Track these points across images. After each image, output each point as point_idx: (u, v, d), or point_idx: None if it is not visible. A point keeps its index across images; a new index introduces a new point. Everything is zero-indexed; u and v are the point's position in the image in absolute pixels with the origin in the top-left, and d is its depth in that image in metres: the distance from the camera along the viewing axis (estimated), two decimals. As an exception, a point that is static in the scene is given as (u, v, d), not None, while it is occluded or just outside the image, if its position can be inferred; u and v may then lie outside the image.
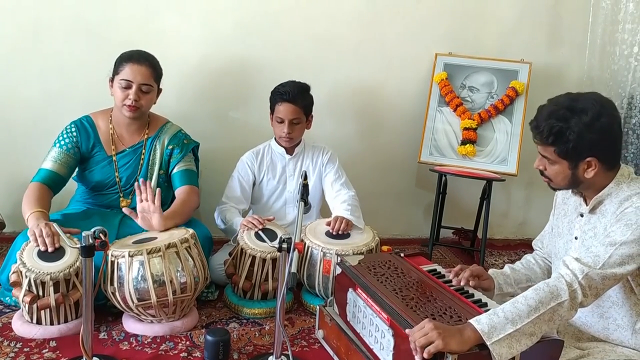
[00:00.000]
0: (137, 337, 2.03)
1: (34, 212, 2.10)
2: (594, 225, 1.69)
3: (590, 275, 1.51)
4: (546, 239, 2.01)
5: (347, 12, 3.06)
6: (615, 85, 3.19)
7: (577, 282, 1.50)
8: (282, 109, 2.52)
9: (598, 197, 1.67)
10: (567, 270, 1.53)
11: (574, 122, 1.57)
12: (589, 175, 1.63)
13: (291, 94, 2.51)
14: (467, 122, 3.03)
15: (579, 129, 1.57)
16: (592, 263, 1.53)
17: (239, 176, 2.66)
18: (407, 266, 1.93)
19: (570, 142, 1.58)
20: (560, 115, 1.59)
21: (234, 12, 2.93)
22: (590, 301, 1.54)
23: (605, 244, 1.55)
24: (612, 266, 1.52)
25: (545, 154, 1.67)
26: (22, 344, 1.92)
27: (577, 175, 1.65)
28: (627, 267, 1.53)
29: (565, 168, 1.65)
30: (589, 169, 1.63)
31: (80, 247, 1.63)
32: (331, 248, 2.27)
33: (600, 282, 1.52)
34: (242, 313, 2.26)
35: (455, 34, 3.21)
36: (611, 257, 1.53)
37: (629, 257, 1.52)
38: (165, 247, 1.99)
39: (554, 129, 1.59)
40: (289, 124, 2.53)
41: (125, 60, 2.30)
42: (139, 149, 2.43)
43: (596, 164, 1.61)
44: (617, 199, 1.63)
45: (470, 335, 1.43)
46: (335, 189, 2.64)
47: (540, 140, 1.65)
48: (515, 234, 3.63)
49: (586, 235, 1.71)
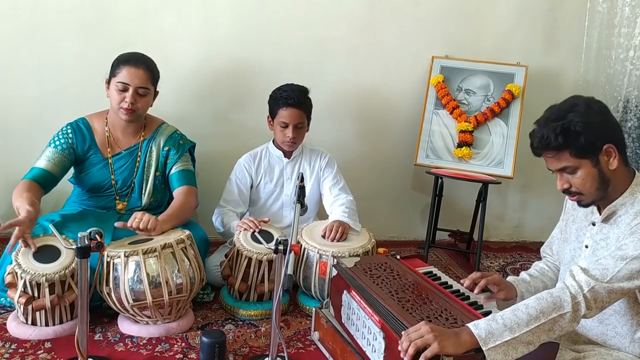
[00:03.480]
0: (132, 338, 2.02)
1: (25, 195, 2.06)
2: (606, 235, 1.65)
3: (597, 289, 1.47)
4: (555, 245, 1.96)
5: (345, 15, 3.07)
6: (611, 88, 3.20)
7: (582, 294, 1.47)
8: (286, 114, 2.51)
9: (612, 207, 1.63)
10: (573, 282, 1.50)
11: (573, 115, 1.55)
12: (613, 165, 1.57)
13: (296, 99, 2.50)
14: (463, 124, 3.03)
15: (581, 118, 1.54)
16: (599, 276, 1.49)
17: (236, 179, 2.65)
18: (403, 268, 1.93)
19: (580, 135, 1.54)
20: (555, 117, 1.58)
21: (232, 14, 2.93)
22: (594, 314, 1.50)
23: (616, 257, 1.51)
24: (620, 280, 1.48)
25: (563, 163, 1.59)
26: (17, 345, 1.91)
27: (603, 171, 1.58)
28: (636, 282, 1.49)
29: (589, 168, 1.58)
30: (610, 159, 1.58)
31: (76, 248, 1.62)
32: (327, 250, 2.27)
33: (606, 296, 1.49)
34: (238, 315, 2.26)
35: (452, 37, 3.22)
36: (620, 272, 1.49)
37: (638, 272, 1.49)
38: (161, 247, 1.99)
39: (557, 128, 1.55)
40: (294, 129, 2.53)
41: (123, 63, 2.29)
42: (134, 151, 2.43)
43: (614, 150, 1.57)
44: (632, 209, 1.59)
45: (467, 339, 1.42)
46: (334, 194, 2.64)
47: (552, 149, 1.58)
48: (511, 236, 3.64)
49: (598, 245, 1.66)
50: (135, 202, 2.44)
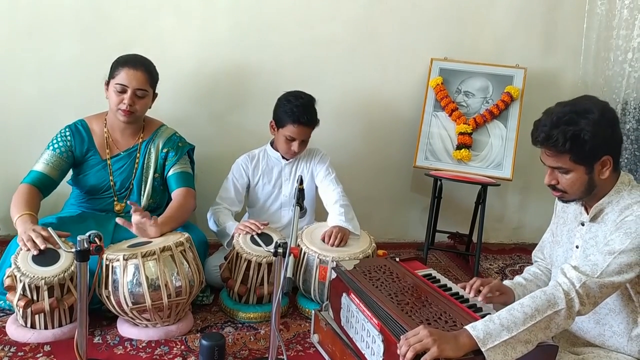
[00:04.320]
0: (131, 341, 2.02)
1: (22, 215, 2.08)
2: (595, 233, 1.67)
3: (588, 284, 1.50)
4: (546, 248, 1.98)
5: (344, 17, 3.07)
6: (610, 90, 3.20)
7: (575, 290, 1.49)
8: (296, 131, 2.50)
9: (598, 205, 1.66)
10: (565, 279, 1.52)
11: (585, 123, 1.54)
12: (605, 175, 1.60)
13: (308, 118, 2.50)
14: (462, 126, 3.04)
15: (592, 128, 1.54)
16: (590, 272, 1.52)
17: (233, 178, 2.66)
18: (402, 271, 1.93)
19: (587, 144, 1.54)
20: (568, 120, 1.56)
21: (231, 16, 2.93)
22: (588, 310, 1.52)
23: (604, 252, 1.54)
24: (611, 275, 1.51)
25: (559, 164, 1.61)
26: (16, 348, 1.91)
27: (593, 179, 1.61)
28: (626, 276, 1.51)
29: (582, 174, 1.60)
30: (604, 169, 1.60)
31: (76, 252, 1.62)
32: (328, 255, 2.26)
33: (598, 291, 1.51)
34: (238, 317, 2.26)
35: (450, 39, 3.22)
36: (609, 266, 1.51)
37: (627, 266, 1.51)
38: (160, 250, 1.98)
39: (568, 133, 1.55)
40: (300, 143, 2.55)
41: (122, 65, 2.29)
42: (133, 152, 2.43)
43: (610, 162, 1.59)
44: (617, 207, 1.62)
45: (466, 342, 1.43)
46: (325, 184, 2.64)
47: (554, 150, 1.59)
48: (510, 238, 3.64)
49: (587, 244, 1.69)
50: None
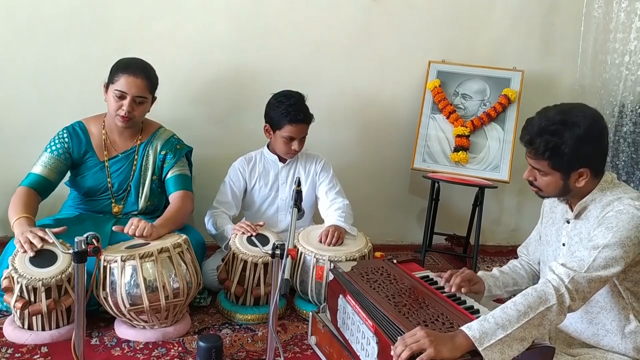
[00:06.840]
0: (129, 342, 2.02)
1: (19, 218, 2.09)
2: (579, 230, 1.73)
3: (577, 279, 1.53)
4: (531, 246, 2.05)
5: (342, 20, 3.08)
6: (607, 93, 3.22)
7: (564, 286, 1.52)
8: (294, 130, 2.51)
9: (582, 203, 1.71)
10: (554, 276, 1.55)
11: (568, 136, 1.60)
12: (580, 184, 1.67)
13: (304, 115, 2.51)
14: (459, 129, 3.04)
15: (573, 143, 1.60)
16: (577, 267, 1.55)
17: (230, 181, 2.66)
18: (399, 272, 1.94)
19: (565, 156, 1.62)
20: (553, 130, 1.62)
21: (229, 19, 2.93)
22: (578, 305, 1.55)
23: (589, 247, 1.58)
24: (597, 269, 1.55)
25: (538, 166, 1.69)
26: (13, 350, 1.91)
27: (568, 185, 1.68)
28: (612, 270, 1.55)
29: (558, 179, 1.68)
30: (580, 179, 1.67)
31: (73, 253, 1.61)
32: (324, 254, 2.27)
33: (586, 286, 1.54)
34: (235, 319, 2.26)
35: (448, 42, 3.23)
36: (595, 261, 1.55)
37: (612, 260, 1.55)
38: (157, 252, 1.99)
39: (549, 144, 1.62)
40: (299, 142, 2.55)
41: (121, 71, 2.27)
42: (131, 154, 2.43)
43: (587, 174, 1.66)
44: (600, 204, 1.67)
45: (462, 342, 1.44)
46: (330, 198, 2.64)
47: (534, 155, 1.67)
48: (507, 240, 3.65)
49: (572, 240, 1.74)
50: (131, 205, 2.44)
